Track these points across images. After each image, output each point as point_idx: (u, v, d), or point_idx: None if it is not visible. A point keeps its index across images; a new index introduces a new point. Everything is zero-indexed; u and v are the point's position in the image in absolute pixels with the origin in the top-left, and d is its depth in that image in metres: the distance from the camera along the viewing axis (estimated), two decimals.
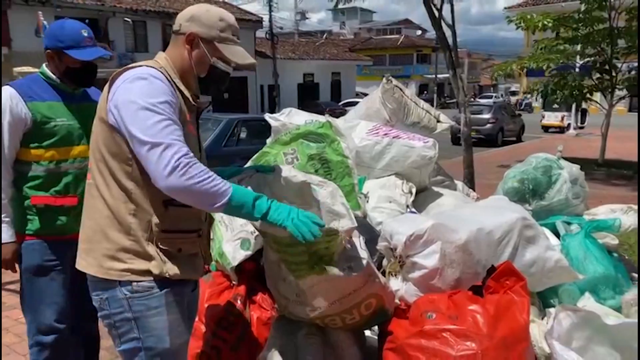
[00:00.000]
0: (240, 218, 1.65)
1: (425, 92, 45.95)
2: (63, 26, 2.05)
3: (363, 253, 1.74)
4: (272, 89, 27.57)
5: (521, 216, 2.19)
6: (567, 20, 10.38)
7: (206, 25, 1.56)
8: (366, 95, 6.46)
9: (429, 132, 3.18)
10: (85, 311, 2.04)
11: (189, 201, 1.41)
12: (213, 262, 2.41)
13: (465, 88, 5.77)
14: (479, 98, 37.34)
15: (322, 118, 2.65)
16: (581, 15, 10.16)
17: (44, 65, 2.10)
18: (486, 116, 16.80)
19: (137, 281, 1.48)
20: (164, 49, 1.63)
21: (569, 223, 2.63)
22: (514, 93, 45.35)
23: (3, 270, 2.08)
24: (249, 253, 2.33)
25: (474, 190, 5.07)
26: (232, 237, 2.35)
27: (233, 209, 1.41)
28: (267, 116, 2.96)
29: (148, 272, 1.49)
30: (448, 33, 6.13)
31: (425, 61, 49.42)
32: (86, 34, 2.05)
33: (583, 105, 16.97)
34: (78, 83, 2.12)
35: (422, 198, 2.92)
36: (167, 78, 1.50)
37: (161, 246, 1.49)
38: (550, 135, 20.04)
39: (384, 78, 3.09)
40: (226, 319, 2.21)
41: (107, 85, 1.49)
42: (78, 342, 2.26)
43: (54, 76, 2.08)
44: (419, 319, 1.83)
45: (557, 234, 2.60)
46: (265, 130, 3.02)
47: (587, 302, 2.25)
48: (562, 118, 20.86)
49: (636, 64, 10.77)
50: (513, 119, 18.36)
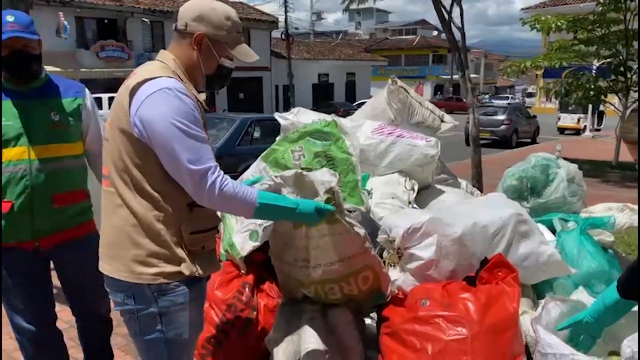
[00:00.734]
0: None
1: (439, 93, 45.79)
2: None
3: (361, 228, 1.89)
4: (287, 89, 27.78)
5: (516, 212, 2.29)
6: (582, 21, 10.37)
7: (214, 25, 1.59)
8: None
9: (433, 132, 3.29)
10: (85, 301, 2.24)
11: (226, 211, 1.59)
12: (223, 252, 2.55)
13: (480, 89, 5.86)
14: (493, 99, 37.06)
15: (328, 117, 2.77)
16: (596, 16, 10.15)
17: None
18: (500, 117, 16.78)
19: (167, 282, 1.56)
20: None
21: (566, 220, 2.73)
22: (531, 94, 44.99)
23: None
24: (257, 244, 2.46)
25: (482, 190, 5.16)
26: (242, 229, 2.48)
27: (263, 212, 1.59)
28: (277, 115, 3.10)
29: (179, 274, 1.57)
30: (459, 36, 6.23)
31: (441, 62, 49.26)
32: (11, 19, 1.91)
33: (600, 107, 16.90)
34: (13, 74, 1.98)
35: (425, 195, 3.03)
36: (185, 87, 1.54)
37: (189, 247, 1.57)
38: (566, 137, 19.90)
39: (390, 79, 3.21)
40: (235, 305, 2.35)
41: (127, 95, 1.52)
42: (59, 338, 2.30)
43: None
44: (414, 306, 1.95)
45: (554, 231, 2.70)
46: (278, 129, 3.16)
47: (580, 296, 2.34)
48: (579, 120, 20.71)
49: None
50: (528, 121, 18.28)
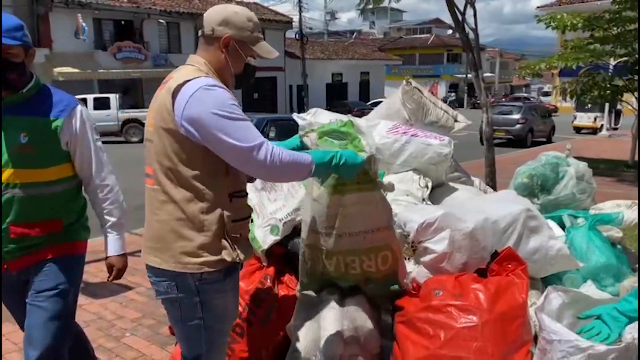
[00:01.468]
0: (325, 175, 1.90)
1: (453, 92, 45.60)
2: None
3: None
4: (301, 89, 27.93)
5: (525, 208, 2.38)
6: (598, 20, 10.33)
7: (239, 27, 1.73)
8: None
9: (447, 131, 3.38)
10: None
11: (286, 180, 1.78)
12: None
13: (496, 88, 5.93)
14: (509, 99, 36.78)
15: (345, 117, 2.89)
16: (612, 15, 10.10)
17: None
18: (516, 117, 16.73)
19: (209, 271, 1.68)
20: (197, 50, 1.79)
21: (575, 216, 2.81)
22: (547, 94, 44.59)
23: None
24: (278, 238, 2.59)
25: (495, 188, 5.23)
26: (263, 224, 2.61)
27: (318, 171, 1.71)
28: (295, 115, 3.22)
29: (221, 262, 1.69)
30: (473, 35, 6.31)
31: (455, 61, 49.05)
32: None
33: (617, 106, 16.75)
34: None
35: (439, 192, 3.12)
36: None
37: (231, 235, 1.70)
38: (581, 136, 19.75)
39: (404, 80, 3.31)
40: (257, 296, 2.48)
41: (169, 97, 1.63)
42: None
43: None
44: (428, 296, 2.06)
45: (564, 227, 2.78)
46: (293, 129, 3.27)
47: (589, 289, 2.43)
48: (595, 119, 20.54)
49: None
50: (543, 120, 18.18)
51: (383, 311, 2.34)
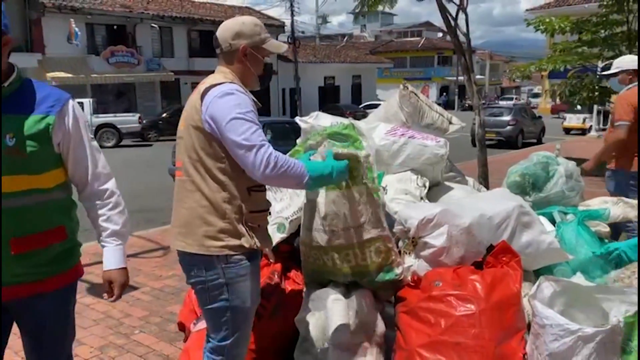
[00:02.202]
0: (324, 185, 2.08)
1: (444, 94, 46.01)
2: None
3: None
4: (294, 92, 28.08)
5: (518, 204, 2.53)
6: (586, 23, 10.57)
7: (250, 35, 1.94)
8: (383, 101, 7.01)
9: (442, 133, 3.53)
10: None
11: (281, 185, 1.92)
12: None
13: (486, 90, 6.10)
14: (499, 100, 37.23)
15: (346, 120, 3.03)
16: (598, 18, 10.34)
17: None
18: (506, 118, 16.97)
19: (232, 255, 1.86)
20: (190, 54, 2.08)
21: (565, 212, 2.97)
22: (537, 95, 45.12)
23: None
24: (284, 236, 2.73)
25: (488, 188, 5.39)
26: (270, 222, 2.73)
27: (315, 182, 1.86)
28: (298, 119, 3.35)
29: (241, 247, 1.87)
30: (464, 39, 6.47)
31: (446, 63, 49.47)
32: None
33: (606, 106, 17.04)
34: None
35: (435, 191, 3.27)
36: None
37: (249, 224, 1.88)
38: (571, 137, 20.05)
39: (401, 85, 3.46)
40: (265, 290, 2.60)
41: (199, 98, 1.84)
42: None
43: None
44: (428, 287, 2.20)
45: (554, 222, 2.94)
46: (289, 132, 3.40)
47: (578, 280, 2.58)
48: (584, 120, 20.88)
49: None
50: (533, 121, 18.45)
51: (386, 303, 2.48)
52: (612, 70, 3.88)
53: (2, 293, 1.61)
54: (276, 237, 2.71)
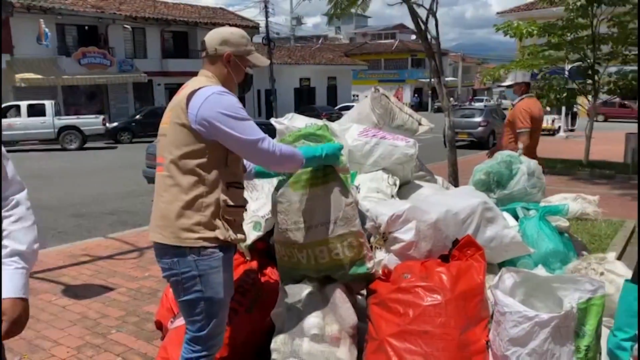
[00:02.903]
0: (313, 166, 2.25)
1: (415, 96, 46.66)
2: None
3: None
4: (269, 94, 28.09)
5: (482, 201, 2.67)
6: (552, 27, 10.92)
7: (236, 44, 2.07)
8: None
9: (412, 134, 3.67)
10: None
11: (284, 168, 2.11)
12: None
13: (459, 92, 6.28)
14: (474, 102, 37.94)
15: (320, 121, 3.13)
16: (564, 22, 10.71)
17: None
18: (477, 119, 17.28)
19: (205, 247, 1.95)
20: (163, 55, 2.21)
21: (527, 208, 3.13)
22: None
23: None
24: (260, 234, 2.81)
25: (457, 186, 5.57)
26: (246, 221, 2.82)
27: (309, 161, 2.09)
28: (273, 120, 3.44)
29: (215, 239, 1.96)
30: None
31: (420, 65, 50.10)
32: None
33: (574, 108, 17.58)
34: None
35: (406, 189, 3.40)
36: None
37: (225, 217, 1.98)
38: (541, 137, 20.56)
39: (372, 87, 3.58)
40: (242, 287, 2.69)
41: (185, 99, 1.93)
42: None
43: None
44: (398, 279, 2.31)
45: (517, 218, 3.10)
46: (266, 133, 3.49)
47: (539, 272, 2.73)
48: (553, 121, 21.43)
49: (616, 69, 11.30)
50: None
51: (358, 296, 2.58)
52: (507, 82, 4.67)
53: None
54: (252, 236, 2.80)
